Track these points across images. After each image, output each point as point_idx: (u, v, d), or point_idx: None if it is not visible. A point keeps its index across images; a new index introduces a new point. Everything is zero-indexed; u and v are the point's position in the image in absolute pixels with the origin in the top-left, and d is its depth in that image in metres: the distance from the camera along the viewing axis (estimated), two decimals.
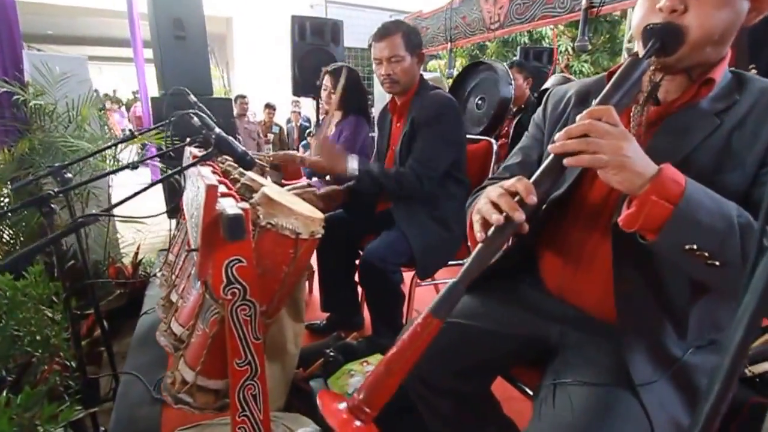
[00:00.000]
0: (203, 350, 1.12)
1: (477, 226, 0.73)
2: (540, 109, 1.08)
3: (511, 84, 2.72)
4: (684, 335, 0.79)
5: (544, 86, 2.67)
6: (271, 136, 6.57)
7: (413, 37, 1.80)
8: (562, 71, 5.37)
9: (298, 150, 7.29)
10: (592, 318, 0.90)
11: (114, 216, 1.16)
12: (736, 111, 0.74)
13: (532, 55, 4.90)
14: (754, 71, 2.09)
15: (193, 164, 1.09)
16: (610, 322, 0.85)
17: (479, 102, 2.96)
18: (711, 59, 0.76)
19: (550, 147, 0.70)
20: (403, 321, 1.89)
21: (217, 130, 1.08)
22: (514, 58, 4.83)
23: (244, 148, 1.09)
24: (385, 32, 1.78)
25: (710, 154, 0.73)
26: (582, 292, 0.91)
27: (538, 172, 0.71)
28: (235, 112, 5.39)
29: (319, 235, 1.19)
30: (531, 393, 1.01)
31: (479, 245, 0.71)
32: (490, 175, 2.08)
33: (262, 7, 10.14)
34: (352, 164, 1.72)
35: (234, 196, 1.07)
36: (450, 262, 1.89)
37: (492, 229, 0.70)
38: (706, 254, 0.62)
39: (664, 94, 0.83)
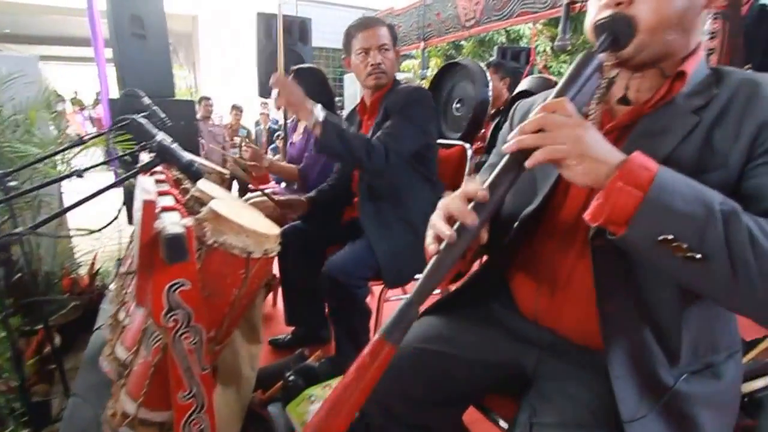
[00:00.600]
0: (145, 380, 1.02)
1: (429, 239, 0.69)
2: (506, 124, 1.03)
3: (487, 86, 2.64)
4: (676, 360, 0.73)
5: (519, 88, 2.61)
6: (237, 140, 6.38)
7: (394, 33, 1.79)
8: (540, 72, 5.35)
9: (266, 153, 7.15)
10: (570, 343, 0.84)
11: (41, 234, 1.03)
12: (714, 106, 0.70)
13: (510, 55, 4.83)
14: (749, 70, 2.06)
15: (132, 175, 0.98)
16: (591, 348, 0.80)
17: (458, 105, 2.89)
18: (677, 50, 0.73)
19: (504, 147, 0.65)
20: (370, 338, 1.81)
21: (159, 137, 0.97)
22: (491, 58, 4.79)
23: (191, 157, 0.98)
24: (371, 22, 1.73)
25: (691, 154, 0.69)
26: (559, 316, 0.84)
27: (493, 174, 0.66)
28: (199, 114, 5.21)
29: (274, 253, 1.10)
30: (506, 426, 0.94)
31: (432, 259, 0.66)
32: (464, 181, 2.04)
33: (229, 5, 9.90)
34: (317, 111, 1.48)
35: (179, 210, 0.96)
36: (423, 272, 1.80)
37: (442, 245, 0.66)
38: (684, 245, 0.55)
39: (635, 93, 0.78)
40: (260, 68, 3.72)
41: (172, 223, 0.84)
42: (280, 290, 2.40)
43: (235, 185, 5.05)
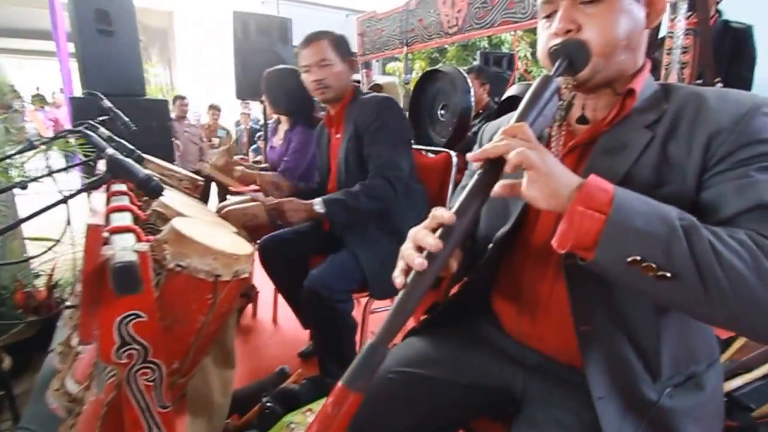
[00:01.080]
0: (97, 420, 0.90)
1: (397, 271, 0.66)
2: (476, 147, 1.03)
3: (469, 92, 2.60)
4: (658, 374, 0.74)
5: (508, 93, 2.57)
6: (216, 141, 6.18)
7: (342, 44, 1.72)
8: (522, 76, 5.36)
9: (247, 155, 6.96)
10: (556, 363, 0.84)
11: None
12: (665, 120, 0.73)
13: (492, 60, 4.86)
14: (719, 85, 2.09)
15: (78, 193, 0.86)
16: (576, 368, 0.78)
17: (442, 111, 2.84)
18: (626, 69, 0.76)
19: (469, 156, 0.65)
20: (356, 353, 1.71)
21: (110, 150, 0.86)
22: (473, 63, 4.77)
23: (148, 172, 0.87)
24: (310, 38, 1.70)
25: (650, 169, 0.71)
26: (543, 337, 0.84)
27: (461, 198, 0.65)
28: (174, 114, 5.00)
29: (246, 274, 1.00)
30: None
31: (399, 294, 0.63)
32: (450, 188, 1.99)
33: (207, 1, 9.66)
34: (316, 205, 1.57)
35: (135, 231, 0.85)
36: None
37: (411, 274, 0.63)
38: (654, 265, 0.56)
39: (592, 112, 0.81)
40: (237, 69, 3.58)
41: (123, 249, 0.73)
42: (265, 298, 2.29)
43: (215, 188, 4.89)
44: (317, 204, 1.56)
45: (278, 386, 1.54)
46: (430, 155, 2.05)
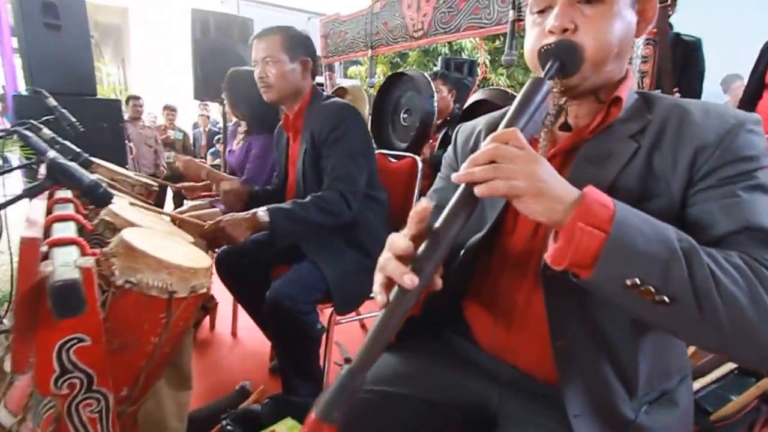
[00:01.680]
0: None
1: (377, 287, 0.61)
2: (450, 148, 1.00)
3: (433, 96, 2.59)
4: (634, 391, 0.72)
5: (474, 98, 2.57)
6: (171, 133, 5.90)
7: (296, 42, 1.64)
8: (484, 80, 5.42)
9: (205, 158, 6.72)
10: (532, 379, 0.81)
11: None
12: (650, 131, 0.71)
13: (453, 66, 4.89)
14: (677, 94, 2.16)
15: (16, 200, 0.77)
16: (552, 384, 0.76)
17: (405, 116, 2.82)
18: (615, 76, 0.75)
19: (454, 176, 0.60)
20: (321, 366, 1.65)
21: (51, 154, 0.77)
22: (436, 68, 4.78)
23: (95, 178, 0.78)
24: (263, 32, 1.63)
25: (635, 180, 0.69)
26: (518, 350, 0.81)
27: (444, 213, 0.60)
28: (127, 115, 4.77)
29: (204, 290, 0.92)
30: None
31: (380, 315, 0.57)
32: (415, 194, 1.96)
33: None
34: (260, 213, 1.46)
35: (79, 244, 0.76)
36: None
37: (394, 291, 0.58)
38: (652, 289, 0.54)
39: (575, 119, 0.78)
40: (195, 68, 3.44)
41: (64, 264, 0.65)
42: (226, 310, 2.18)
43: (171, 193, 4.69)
44: (261, 213, 1.46)
45: (238, 406, 1.46)
46: (394, 160, 2.02)
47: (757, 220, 0.60)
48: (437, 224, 0.59)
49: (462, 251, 0.83)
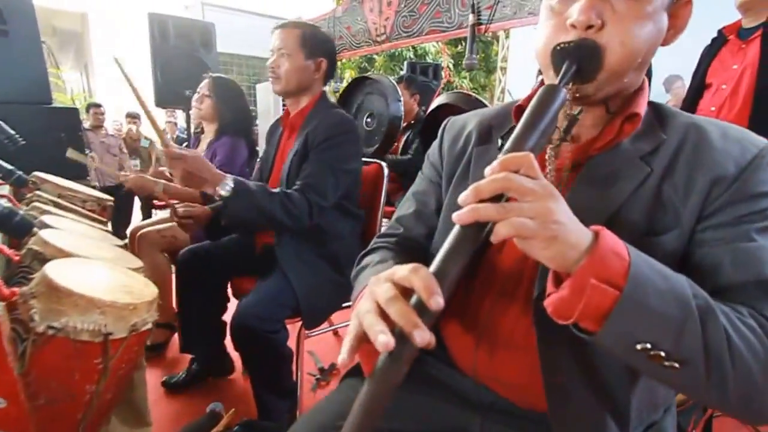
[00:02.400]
0: None
1: (352, 342, 0.51)
2: (435, 144, 0.89)
3: (399, 101, 2.56)
4: (626, 426, 0.67)
5: (438, 102, 2.54)
6: (145, 143, 5.71)
7: (316, 41, 1.59)
8: (448, 84, 5.42)
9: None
10: (515, 406, 0.75)
11: None
12: (663, 154, 0.63)
13: (419, 70, 4.87)
14: None
15: None
16: (537, 411, 0.71)
17: (368, 120, 2.76)
18: (630, 88, 0.66)
19: (454, 216, 0.50)
20: (294, 381, 1.60)
21: None
22: (402, 73, 4.76)
23: (7, 206, 0.70)
24: (284, 23, 1.60)
25: (642, 210, 0.61)
26: (501, 377, 0.74)
27: (442, 254, 0.51)
28: (88, 123, 4.58)
29: (148, 326, 0.85)
30: None
31: (366, 385, 0.48)
32: (381, 200, 1.90)
33: (121, 3, 9.00)
34: (225, 185, 1.30)
35: None
36: (344, 305, 1.62)
37: (381, 357, 0.47)
38: (662, 354, 0.49)
39: (578, 129, 0.69)
40: (156, 74, 3.32)
41: None
42: None
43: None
44: (225, 185, 1.29)
45: None
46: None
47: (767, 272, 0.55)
48: (433, 269, 0.50)
49: None
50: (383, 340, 0.46)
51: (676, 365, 0.49)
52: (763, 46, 1.88)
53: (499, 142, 0.71)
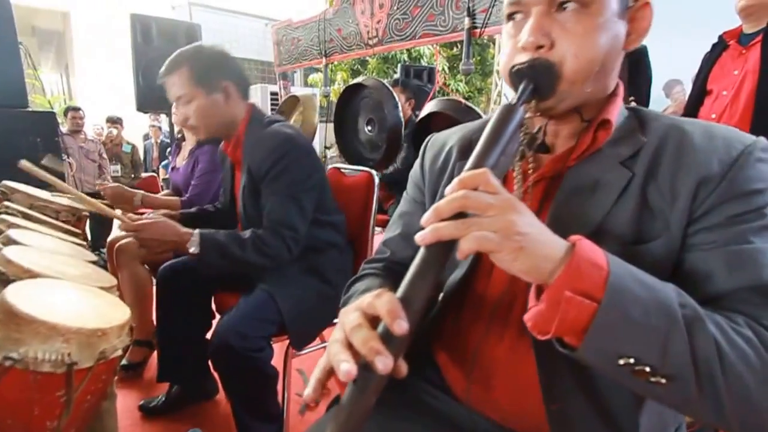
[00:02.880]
0: None
1: (319, 374, 0.51)
2: (417, 163, 0.89)
3: (397, 107, 2.50)
4: None
5: (426, 110, 2.50)
6: (127, 148, 5.56)
7: (209, 68, 1.42)
8: (441, 89, 5.41)
9: (158, 172, 6.39)
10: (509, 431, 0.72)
11: None
12: (644, 157, 0.62)
13: (413, 73, 4.85)
14: (633, 103, 2.15)
15: None
16: None
17: (369, 127, 2.71)
18: (599, 95, 0.65)
19: (417, 238, 0.50)
20: (280, 403, 1.49)
21: None
22: (396, 76, 4.73)
23: None
24: (170, 67, 1.42)
25: (628, 218, 0.60)
26: (498, 404, 0.71)
27: (408, 277, 0.50)
28: (66, 128, 4.42)
29: (119, 353, 0.77)
30: None
31: (333, 416, 0.48)
32: (373, 209, 1.84)
33: (106, 3, 8.80)
34: (192, 243, 1.31)
35: None
36: (335, 320, 1.53)
37: (348, 387, 0.48)
38: (647, 369, 0.47)
39: (554, 139, 0.69)
40: (138, 78, 3.21)
41: None
42: None
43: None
44: (192, 243, 1.30)
45: None
46: (349, 174, 1.89)
47: (766, 277, 0.52)
48: (399, 294, 0.49)
49: (441, 295, 0.73)
50: (345, 368, 0.46)
51: (663, 380, 0.47)
52: (763, 51, 1.87)
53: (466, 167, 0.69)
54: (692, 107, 2.16)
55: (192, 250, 1.29)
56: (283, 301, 1.40)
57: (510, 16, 0.65)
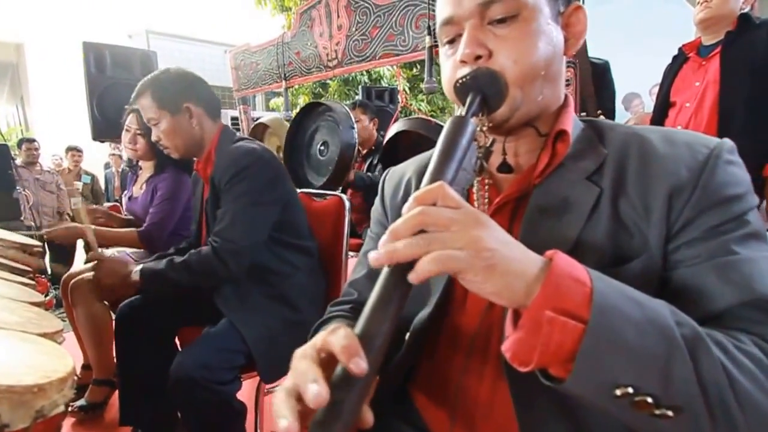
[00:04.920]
0: None
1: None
2: (378, 200, 0.86)
3: (353, 127, 2.48)
4: None
5: (395, 129, 2.50)
6: (79, 185, 5.39)
7: (170, 91, 1.47)
8: (405, 108, 5.45)
9: (120, 202, 6.19)
10: None
11: None
12: (608, 170, 0.59)
13: (375, 94, 4.89)
14: (601, 117, 2.19)
15: None
16: None
17: (321, 148, 2.68)
18: (551, 104, 0.64)
19: (371, 257, 0.45)
20: None
21: None
22: (357, 98, 4.75)
23: None
24: (137, 93, 1.50)
25: (603, 237, 0.56)
26: None
27: (366, 309, 0.45)
28: (20, 160, 4.27)
29: (60, 408, 0.71)
30: None
31: None
32: (345, 234, 1.79)
33: (60, 34, 8.62)
34: (134, 273, 1.43)
35: None
36: None
37: None
38: (649, 400, 0.41)
39: (515, 158, 0.67)
40: (92, 107, 3.12)
41: None
42: None
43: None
44: (134, 274, 1.42)
45: None
46: (318, 199, 1.85)
47: (763, 290, 0.49)
48: (357, 330, 0.44)
49: (407, 334, 0.68)
50: (285, 424, 0.40)
51: (670, 413, 0.41)
52: (722, 62, 1.92)
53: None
54: (657, 119, 2.21)
55: (135, 278, 1.42)
56: (246, 329, 1.35)
57: (446, 41, 0.64)
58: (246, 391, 1.38)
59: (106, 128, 3.16)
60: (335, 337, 0.43)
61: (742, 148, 0.58)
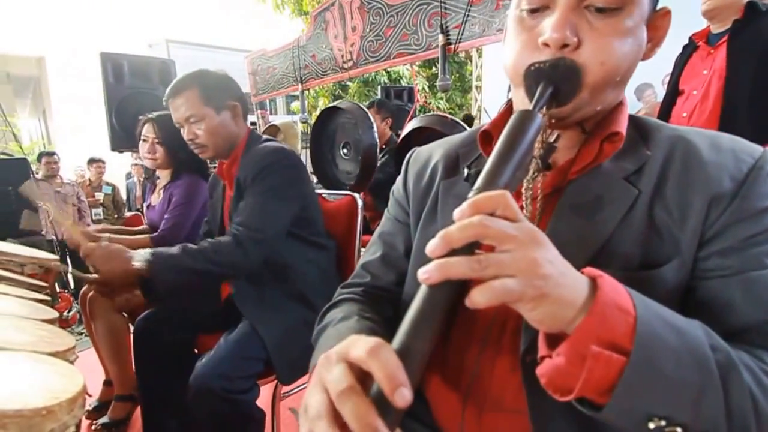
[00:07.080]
0: None
1: None
2: (400, 180, 0.83)
3: (372, 128, 2.47)
4: None
5: (412, 126, 2.47)
6: (101, 197, 5.46)
7: (217, 88, 1.47)
8: (423, 108, 5.44)
9: (141, 211, 6.26)
10: None
11: None
12: (650, 172, 0.57)
13: (393, 94, 4.91)
14: None
15: None
16: None
17: (345, 150, 2.69)
18: (608, 107, 0.60)
19: (420, 275, 0.42)
20: None
21: None
22: (375, 98, 4.78)
23: None
24: (177, 88, 1.45)
25: (634, 240, 0.55)
26: None
27: (407, 323, 0.41)
28: (41, 174, 4.36)
29: (71, 430, 0.67)
30: None
31: None
32: (357, 233, 1.77)
33: (80, 45, 8.77)
34: (137, 258, 1.29)
35: None
36: None
37: None
38: (679, 430, 0.42)
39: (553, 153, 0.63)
40: (110, 117, 3.14)
41: None
42: None
43: None
44: (140, 258, 1.28)
45: None
46: (331, 199, 1.86)
47: None
48: (397, 344, 0.40)
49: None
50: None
51: None
52: (729, 51, 1.92)
53: (466, 171, 0.63)
54: (666, 107, 2.21)
55: (138, 263, 1.27)
56: (265, 329, 1.33)
57: (527, 8, 0.57)
58: (262, 396, 1.35)
59: (124, 138, 3.17)
60: (377, 360, 0.39)
61: (744, 135, 0.58)
